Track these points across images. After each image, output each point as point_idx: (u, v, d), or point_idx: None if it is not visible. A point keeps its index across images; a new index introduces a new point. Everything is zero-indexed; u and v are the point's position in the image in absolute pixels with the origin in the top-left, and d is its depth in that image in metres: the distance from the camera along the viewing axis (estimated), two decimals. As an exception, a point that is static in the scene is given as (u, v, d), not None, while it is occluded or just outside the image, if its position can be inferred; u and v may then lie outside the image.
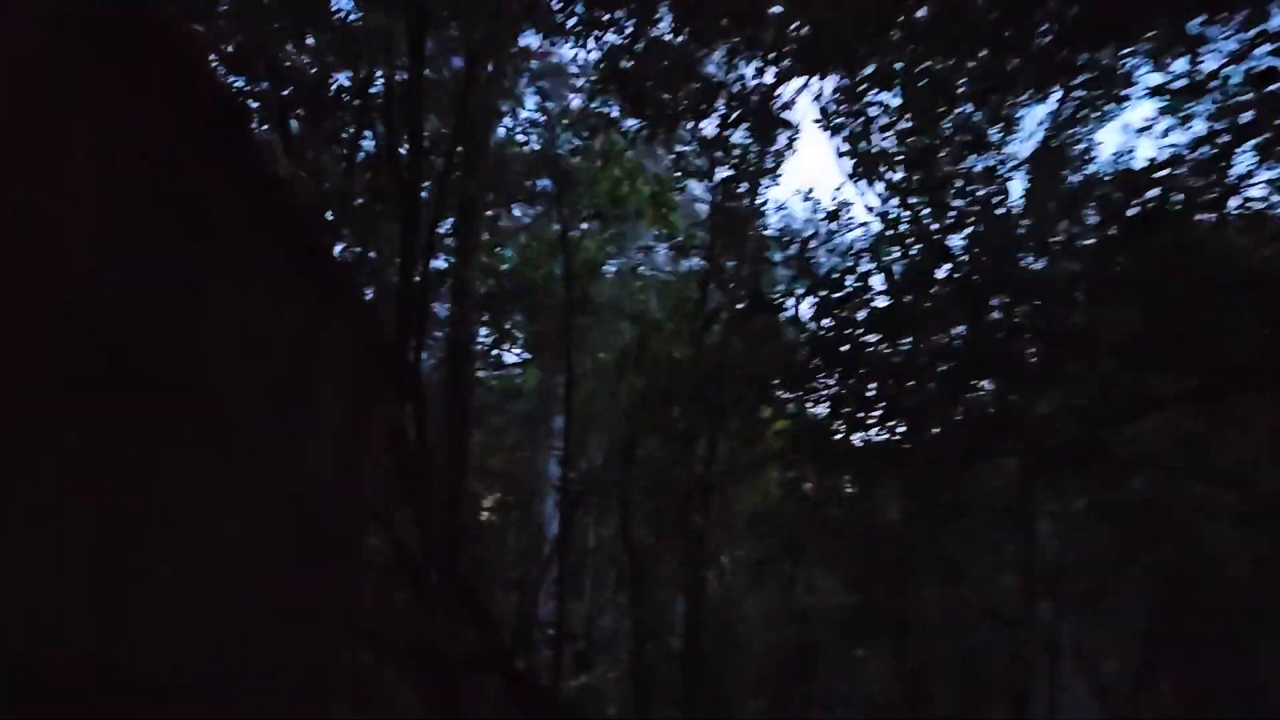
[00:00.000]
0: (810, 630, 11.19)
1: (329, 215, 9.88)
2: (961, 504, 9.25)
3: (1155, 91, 7.08)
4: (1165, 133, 7.48)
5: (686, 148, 10.74)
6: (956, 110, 7.60)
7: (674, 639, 10.13)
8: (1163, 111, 7.49)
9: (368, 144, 10.37)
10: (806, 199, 11.41)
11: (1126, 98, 8.44)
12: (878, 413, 6.95)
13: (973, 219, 7.57)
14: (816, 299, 6.29)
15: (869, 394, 6.66)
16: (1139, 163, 8.15)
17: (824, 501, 10.48)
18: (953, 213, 7.71)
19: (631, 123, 9.74)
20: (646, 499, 9.38)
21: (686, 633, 9.26)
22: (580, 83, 11.42)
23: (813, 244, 8.87)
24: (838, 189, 11.84)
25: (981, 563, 11.96)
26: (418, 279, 9.98)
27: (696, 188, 12.44)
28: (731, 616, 10.44)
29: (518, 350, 12.98)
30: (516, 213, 12.81)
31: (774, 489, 12.65)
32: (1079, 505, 11.51)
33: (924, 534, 9.61)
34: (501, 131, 12.66)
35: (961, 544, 10.51)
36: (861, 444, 7.62)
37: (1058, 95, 8.38)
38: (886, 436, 7.65)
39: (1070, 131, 9.07)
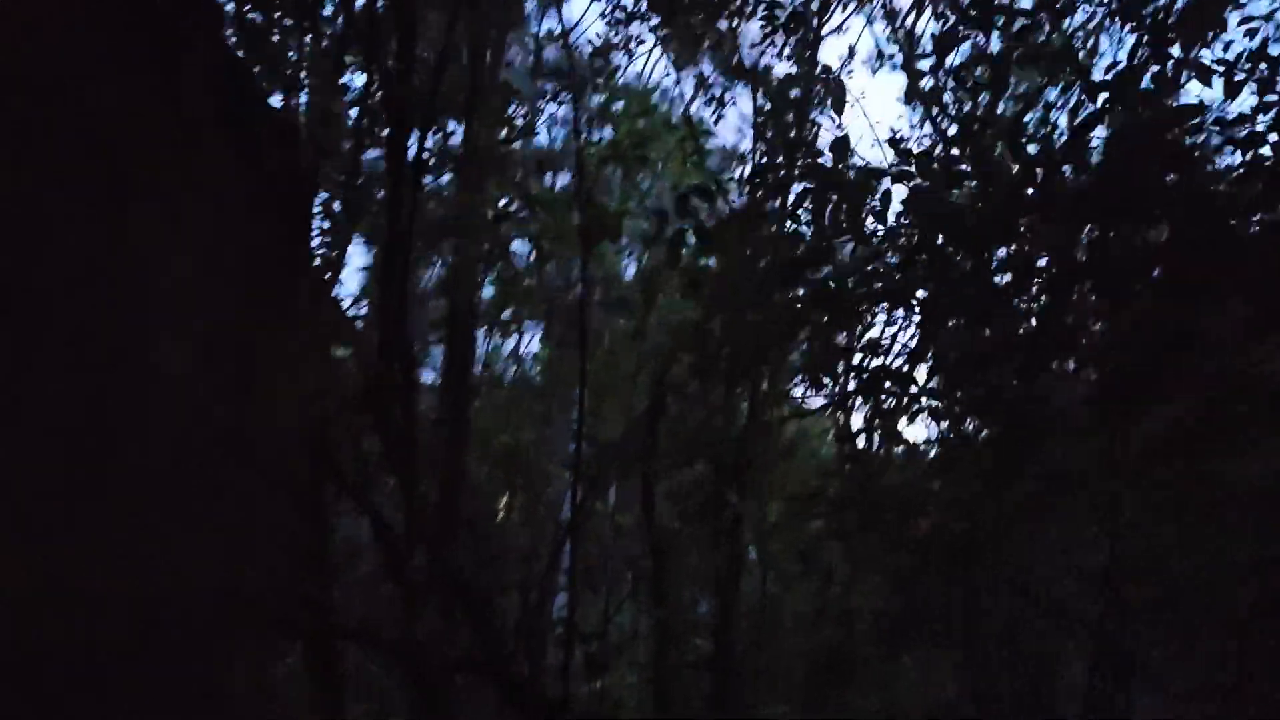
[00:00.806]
0: (850, 634, 9.72)
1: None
2: (1043, 477, 7.80)
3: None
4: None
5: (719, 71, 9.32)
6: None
7: (702, 640, 8.67)
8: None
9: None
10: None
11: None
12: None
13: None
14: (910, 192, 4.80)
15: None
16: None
17: (879, 472, 9.00)
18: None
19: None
20: (674, 470, 7.93)
21: (716, 633, 7.80)
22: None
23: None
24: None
25: (1055, 555, 10.50)
26: (405, 223, 8.60)
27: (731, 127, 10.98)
28: (769, 615, 8.94)
29: (528, 313, 11.52)
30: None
31: (819, 459, 11.15)
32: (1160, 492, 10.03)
33: (993, 514, 8.11)
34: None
35: (1034, 525, 9.04)
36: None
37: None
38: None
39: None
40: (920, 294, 5.34)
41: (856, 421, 10.05)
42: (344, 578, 8.77)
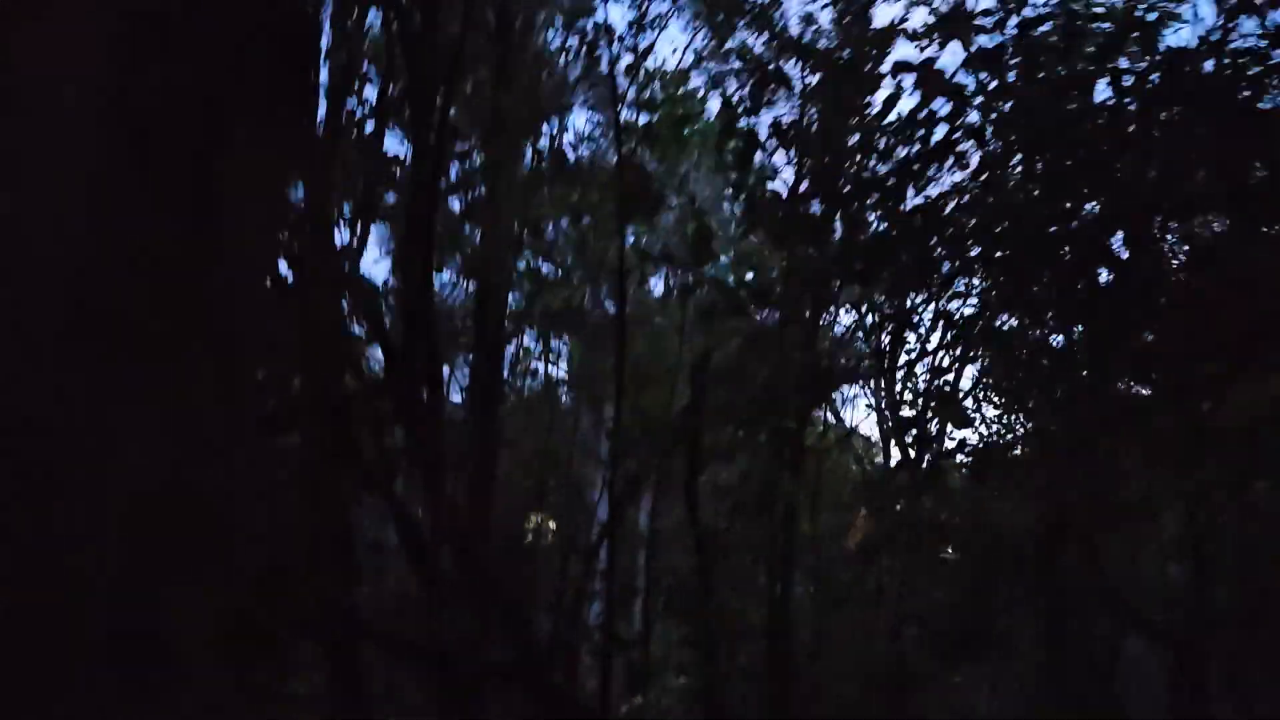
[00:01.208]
0: (909, 645, 8.97)
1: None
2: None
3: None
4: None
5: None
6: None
7: (754, 646, 7.95)
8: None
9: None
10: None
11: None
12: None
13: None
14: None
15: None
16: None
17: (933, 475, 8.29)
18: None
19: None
20: (721, 457, 7.25)
21: (770, 641, 7.09)
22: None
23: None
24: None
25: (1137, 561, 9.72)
26: (431, 196, 8.04)
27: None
28: (827, 621, 8.20)
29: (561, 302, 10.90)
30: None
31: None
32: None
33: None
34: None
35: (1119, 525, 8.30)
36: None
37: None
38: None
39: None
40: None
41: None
42: (367, 578, 8.17)
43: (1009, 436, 9.32)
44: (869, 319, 8.71)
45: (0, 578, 2.00)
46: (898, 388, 12.43)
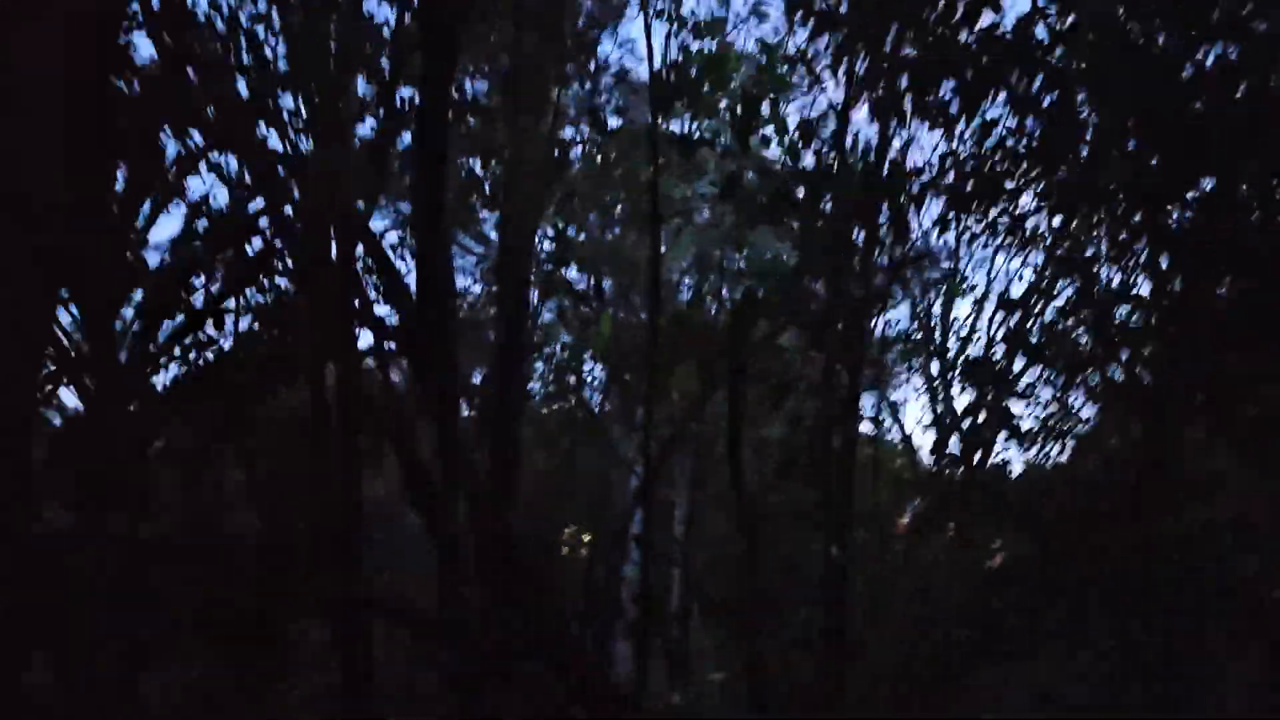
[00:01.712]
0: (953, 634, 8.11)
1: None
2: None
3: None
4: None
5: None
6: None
7: (803, 625, 7.16)
8: None
9: None
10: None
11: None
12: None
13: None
14: None
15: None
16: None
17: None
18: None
19: None
20: (766, 406, 6.46)
21: (825, 618, 6.29)
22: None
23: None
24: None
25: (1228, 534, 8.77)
26: (439, 143, 7.36)
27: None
28: (884, 595, 7.36)
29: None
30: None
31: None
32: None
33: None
34: None
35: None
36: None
37: None
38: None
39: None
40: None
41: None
42: (377, 552, 7.51)
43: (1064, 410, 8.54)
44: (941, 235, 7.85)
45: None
46: (949, 356, 11.60)
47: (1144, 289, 6.69)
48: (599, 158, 9.17)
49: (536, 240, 10.05)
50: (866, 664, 6.80)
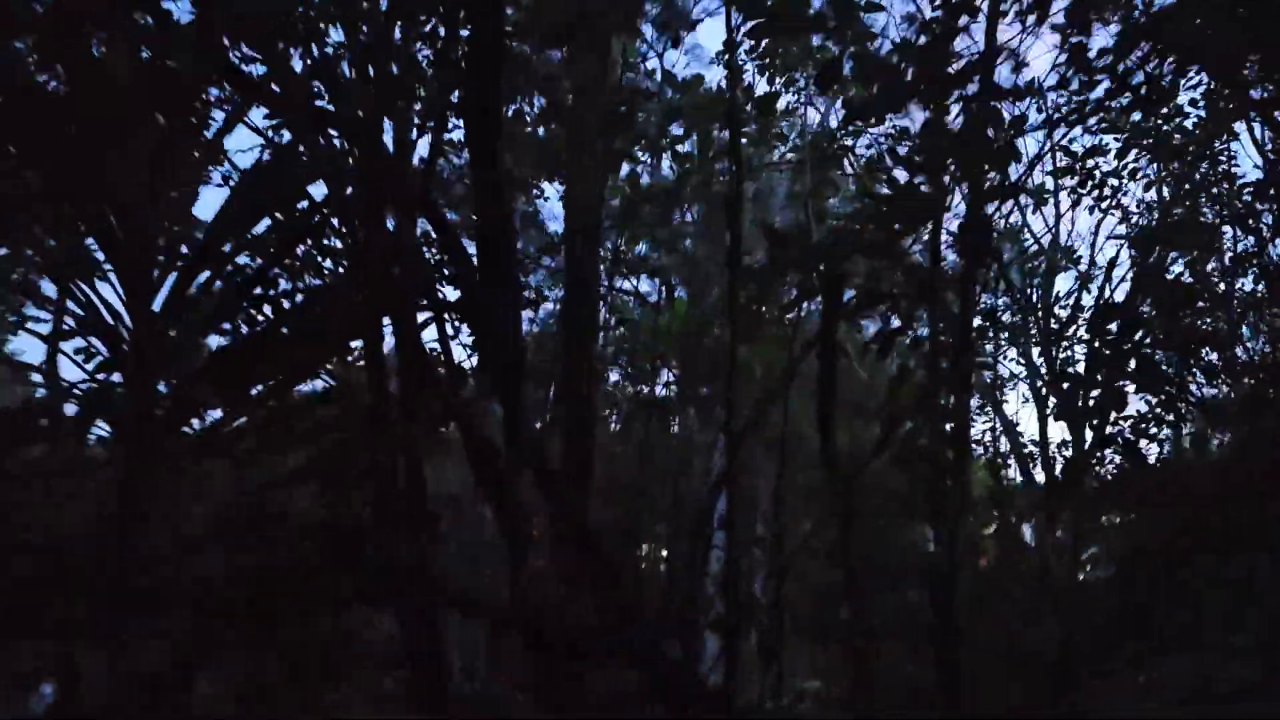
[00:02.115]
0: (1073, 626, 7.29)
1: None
2: None
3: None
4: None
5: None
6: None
7: (911, 617, 6.43)
8: None
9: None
10: None
11: None
12: None
13: None
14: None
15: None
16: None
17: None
18: None
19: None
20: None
21: (936, 614, 5.54)
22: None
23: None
24: None
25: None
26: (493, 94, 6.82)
27: None
28: (1007, 581, 6.58)
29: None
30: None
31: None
32: None
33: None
34: None
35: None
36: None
37: None
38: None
39: None
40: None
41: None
42: (445, 536, 7.02)
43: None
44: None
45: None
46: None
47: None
48: (666, 114, 8.53)
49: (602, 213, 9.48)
50: (983, 659, 6.07)
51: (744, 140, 7.96)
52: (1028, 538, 8.86)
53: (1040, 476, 10.51)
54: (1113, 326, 6.36)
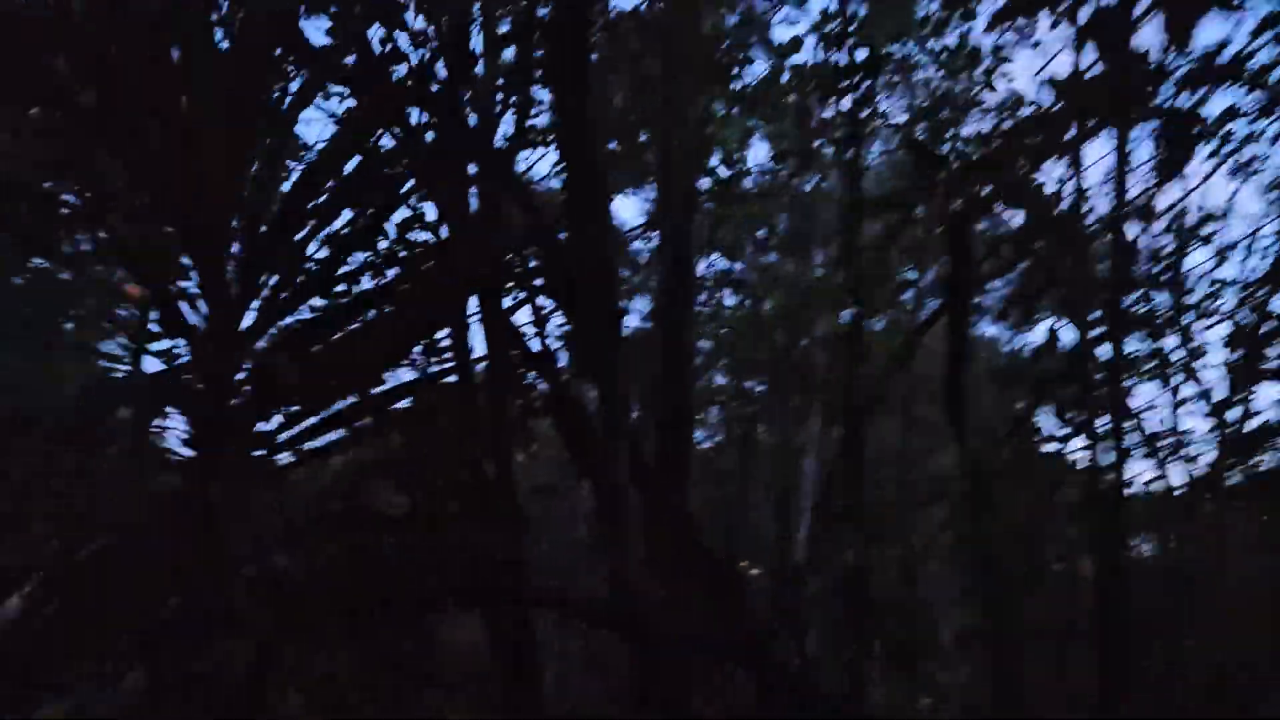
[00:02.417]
0: None
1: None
2: None
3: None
4: None
5: None
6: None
7: (1062, 613, 5.69)
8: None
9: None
10: None
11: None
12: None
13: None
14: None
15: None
16: None
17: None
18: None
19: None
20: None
21: (1099, 606, 4.80)
22: None
23: None
24: None
25: None
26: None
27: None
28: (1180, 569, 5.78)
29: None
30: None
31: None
32: None
33: None
34: None
35: None
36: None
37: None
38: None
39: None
40: None
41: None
42: (536, 529, 6.58)
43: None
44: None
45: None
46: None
47: None
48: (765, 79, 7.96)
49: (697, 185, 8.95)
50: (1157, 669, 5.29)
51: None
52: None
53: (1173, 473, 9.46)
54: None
